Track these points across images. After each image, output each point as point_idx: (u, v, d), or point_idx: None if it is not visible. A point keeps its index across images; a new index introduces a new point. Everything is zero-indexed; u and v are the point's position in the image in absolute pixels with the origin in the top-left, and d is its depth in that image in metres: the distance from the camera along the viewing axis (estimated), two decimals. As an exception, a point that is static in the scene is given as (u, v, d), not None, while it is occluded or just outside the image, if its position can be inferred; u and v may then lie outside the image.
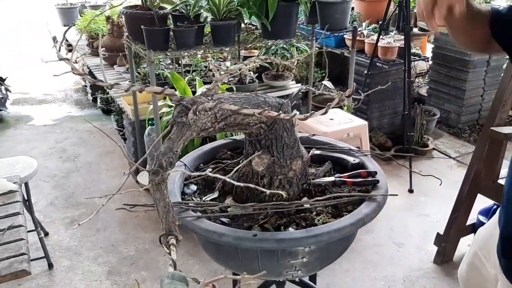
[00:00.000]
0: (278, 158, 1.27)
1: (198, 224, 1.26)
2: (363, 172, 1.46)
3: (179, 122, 1.00)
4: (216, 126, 1.06)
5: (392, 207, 3.21)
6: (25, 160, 2.81)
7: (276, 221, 1.31)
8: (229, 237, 1.21)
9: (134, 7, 3.08)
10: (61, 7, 6.66)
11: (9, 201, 1.95)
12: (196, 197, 1.47)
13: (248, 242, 1.20)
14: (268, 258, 1.28)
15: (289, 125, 1.25)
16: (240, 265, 1.37)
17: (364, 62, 3.98)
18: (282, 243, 1.20)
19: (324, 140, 1.72)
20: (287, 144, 1.26)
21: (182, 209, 1.33)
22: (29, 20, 8.66)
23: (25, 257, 1.62)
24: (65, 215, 3.31)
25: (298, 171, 1.32)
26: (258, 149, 1.27)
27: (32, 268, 2.76)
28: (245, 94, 1.22)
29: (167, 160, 0.91)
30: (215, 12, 2.94)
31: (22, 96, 5.58)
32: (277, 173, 1.29)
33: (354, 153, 1.60)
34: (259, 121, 1.17)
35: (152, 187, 0.86)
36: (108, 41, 4.60)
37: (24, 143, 4.38)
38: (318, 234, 1.20)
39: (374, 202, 1.32)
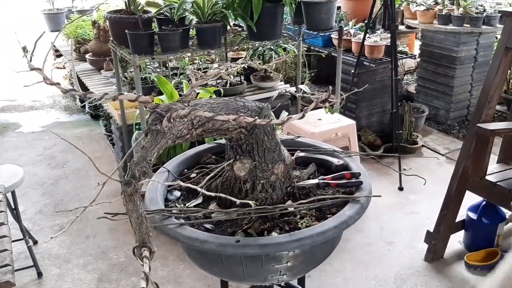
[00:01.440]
0: (259, 162, 1.26)
1: (180, 231, 1.25)
2: (347, 174, 1.46)
3: (153, 130, 0.99)
4: (193, 133, 1.05)
5: (382, 205, 3.21)
6: (11, 169, 2.78)
7: (260, 226, 1.30)
8: (212, 244, 1.20)
9: (118, 12, 3.06)
10: (47, 13, 6.61)
11: (-8, 211, 1.93)
12: (180, 204, 1.46)
13: (231, 249, 1.19)
14: (252, 263, 1.27)
15: (270, 129, 1.25)
16: (224, 271, 1.35)
17: (351, 62, 3.98)
18: (265, 248, 1.19)
19: (309, 142, 1.71)
20: (268, 148, 1.26)
21: (164, 217, 1.31)
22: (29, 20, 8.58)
23: (9, 268, 1.60)
24: (54, 222, 3.28)
25: (281, 175, 1.31)
26: (239, 153, 1.26)
27: (21, 277, 2.76)
28: (223, 99, 1.21)
29: (140, 170, 0.89)
30: (199, 14, 2.93)
31: (10, 103, 5.54)
32: (259, 178, 1.28)
33: (338, 155, 1.60)
34: (238, 126, 1.16)
35: (125, 198, 0.85)
36: (94, 45, 4.57)
37: (12, 151, 4.34)
38: (301, 238, 1.20)
39: (358, 204, 1.31)
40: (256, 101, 1.26)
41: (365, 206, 1.32)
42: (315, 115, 3.32)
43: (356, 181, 1.41)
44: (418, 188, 3.41)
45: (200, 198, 1.46)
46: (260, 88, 3.96)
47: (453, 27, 4.06)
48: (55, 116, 5.17)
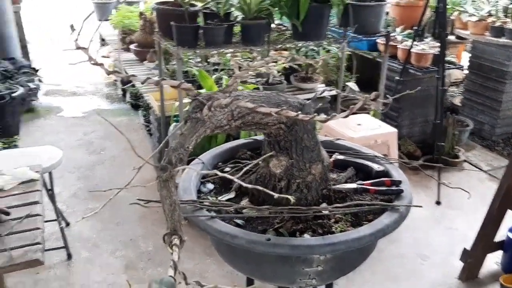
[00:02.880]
0: (297, 161, 1.22)
1: (211, 224, 1.23)
2: (387, 181, 1.40)
3: (193, 118, 0.96)
4: (232, 124, 1.03)
5: (418, 218, 3.11)
6: (50, 150, 2.84)
7: (292, 226, 1.26)
8: (242, 239, 1.17)
9: (166, 3, 3.08)
10: (97, 2, 6.77)
11: (29, 190, 1.96)
12: (212, 196, 1.43)
13: (261, 246, 1.15)
14: (282, 264, 1.23)
15: (310, 127, 1.20)
16: (253, 269, 1.32)
17: (396, 68, 3.87)
18: (297, 249, 1.15)
19: (349, 145, 1.66)
20: (307, 147, 1.21)
21: (196, 208, 1.29)
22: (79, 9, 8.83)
23: (40, 247, 1.62)
24: (87, 206, 3.33)
25: (318, 176, 1.26)
26: (276, 150, 1.23)
27: (51, 258, 2.81)
28: (265, 93, 1.17)
29: (177, 156, 0.87)
30: (245, 11, 2.91)
31: (54, 88, 5.68)
32: (295, 177, 1.24)
33: (379, 160, 1.54)
34: (278, 121, 1.13)
35: (159, 183, 0.83)
36: (140, 36, 4.63)
37: (53, 134, 4.44)
38: (335, 243, 1.15)
39: (396, 213, 1.25)
40: (299, 98, 1.22)
41: (404, 215, 1.26)
42: (355, 120, 3.25)
43: (396, 189, 1.35)
44: (457, 203, 3.28)
45: (232, 193, 1.44)
46: (300, 89, 3.91)
47: (506, 40, 3.89)
48: (96, 103, 5.28)
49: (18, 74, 4.72)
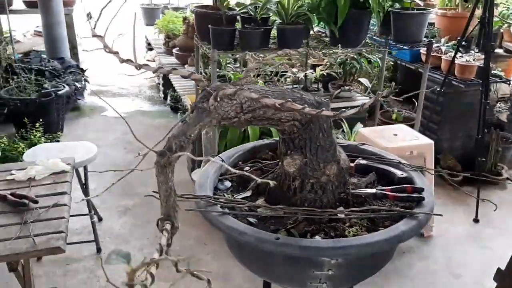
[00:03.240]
0: (311, 160, 1.19)
1: (222, 220, 1.22)
2: (408, 187, 1.34)
3: (199, 107, 0.96)
4: (241, 117, 1.02)
5: (453, 235, 2.98)
6: (87, 146, 2.92)
7: (304, 228, 1.23)
8: (251, 237, 1.15)
9: (205, 7, 3.13)
10: (145, 7, 6.98)
11: (59, 180, 2.02)
12: (228, 194, 1.42)
13: (270, 245, 1.13)
14: (291, 265, 1.21)
15: (326, 126, 1.18)
16: (262, 269, 1.30)
17: (438, 79, 3.75)
18: (305, 250, 1.12)
19: (373, 151, 1.61)
20: (322, 146, 1.18)
21: (209, 204, 1.29)
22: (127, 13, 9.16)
23: (62, 235, 1.66)
24: (120, 203, 3.41)
25: (333, 177, 1.23)
26: (291, 148, 1.21)
27: (81, 250, 2.89)
28: (280, 89, 1.16)
29: (178, 143, 0.87)
30: (283, 15, 2.91)
31: (100, 88, 5.88)
32: (309, 176, 1.22)
33: (404, 167, 1.48)
34: (292, 118, 1.11)
35: (157, 168, 0.83)
36: (182, 41, 4.73)
37: (95, 132, 4.59)
38: (345, 246, 1.11)
39: (415, 220, 1.20)
40: (316, 96, 1.19)
41: (423, 223, 1.21)
42: (392, 130, 3.16)
43: (417, 196, 1.29)
44: (495, 222, 3.12)
45: (249, 191, 1.42)
46: (337, 97, 3.86)
47: (559, 54, 3.69)
48: (138, 105, 5.41)
49: (66, 74, 4.91)
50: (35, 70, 4.65)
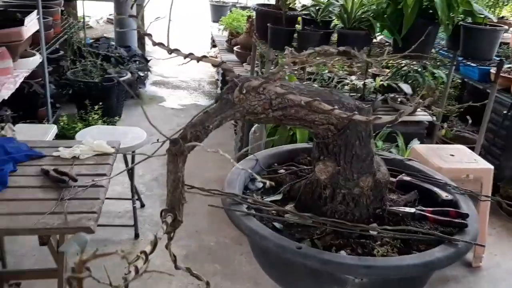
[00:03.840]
0: (344, 169, 1.11)
1: (245, 221, 1.17)
2: (452, 211, 1.23)
3: (223, 98, 0.92)
4: (270, 114, 0.96)
5: (504, 269, 2.76)
6: (137, 132, 2.97)
7: (330, 240, 1.15)
8: (271, 242, 1.09)
9: (267, 6, 3.09)
10: (214, 4, 7.07)
11: (101, 162, 2.06)
12: (258, 195, 1.37)
13: (290, 254, 1.07)
14: (313, 278, 1.14)
15: (365, 134, 1.09)
16: (283, 278, 1.23)
17: (507, 103, 3.51)
18: (327, 265, 1.04)
19: (419, 167, 1.50)
20: (358, 155, 1.10)
21: (235, 202, 1.24)
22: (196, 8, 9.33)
23: (94, 216, 1.67)
24: (164, 192, 3.42)
25: (367, 190, 1.15)
26: (324, 154, 1.14)
27: (120, 233, 2.94)
28: (318, 88, 1.10)
29: (194, 133, 0.84)
30: (345, 19, 2.82)
31: (162, 79, 6.01)
32: (341, 186, 1.14)
33: (450, 189, 1.37)
34: (327, 121, 1.04)
35: (168, 157, 0.79)
36: (243, 39, 4.72)
37: (151, 121, 4.67)
38: (370, 266, 1.03)
39: (453, 248, 1.09)
40: (357, 101, 1.11)
41: (462, 252, 1.09)
42: (449, 149, 2.98)
43: (459, 222, 1.18)
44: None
45: (279, 195, 1.36)
46: (396, 110, 3.70)
47: None
48: (195, 99, 5.48)
49: (130, 62, 5.06)
50: (102, 56, 4.82)
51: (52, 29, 4.02)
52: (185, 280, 2.61)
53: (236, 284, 2.60)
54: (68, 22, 4.58)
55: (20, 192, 1.78)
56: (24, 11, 3.46)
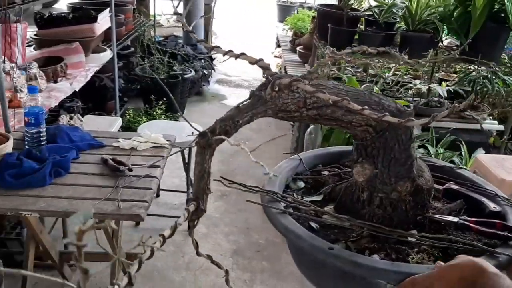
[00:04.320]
0: (381, 172, 1.09)
1: (280, 219, 1.18)
2: (498, 223, 1.17)
3: (256, 95, 0.93)
4: (304, 113, 0.96)
5: None
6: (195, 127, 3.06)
7: (365, 244, 1.14)
8: (305, 242, 1.09)
9: (329, 6, 3.08)
10: (281, 4, 7.11)
11: (156, 154, 2.15)
12: (299, 194, 1.38)
13: (322, 254, 1.06)
14: (344, 281, 1.13)
15: (405, 137, 1.06)
16: (316, 278, 1.23)
17: None
18: (357, 267, 1.03)
19: (469, 177, 1.43)
20: (397, 159, 1.07)
21: (273, 200, 1.26)
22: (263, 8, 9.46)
23: (145, 205, 1.75)
24: (218, 188, 3.50)
25: (405, 195, 1.11)
26: (363, 156, 1.12)
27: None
28: (356, 89, 1.08)
29: (223, 127, 0.86)
30: (408, 21, 2.75)
31: (225, 78, 6.14)
32: (378, 190, 1.12)
33: (500, 200, 1.30)
34: (365, 123, 1.02)
35: (197, 149, 0.82)
36: (306, 39, 4.72)
37: (210, 118, 4.72)
38: (402, 272, 1.00)
39: (494, 260, 1.04)
40: (399, 104, 1.09)
41: (503, 266, 1.04)
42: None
43: (504, 235, 1.12)
44: None
45: (320, 196, 1.36)
46: (461, 117, 3.54)
47: None
48: (257, 97, 5.54)
49: (195, 60, 5.21)
50: (169, 53, 5.01)
51: (123, 26, 4.23)
52: (232, 274, 2.66)
53: (282, 282, 2.62)
54: (140, 20, 4.80)
55: (80, 178, 1.91)
56: (98, 9, 3.68)
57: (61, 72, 3.10)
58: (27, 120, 1.97)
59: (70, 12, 3.75)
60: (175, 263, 2.70)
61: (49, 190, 1.80)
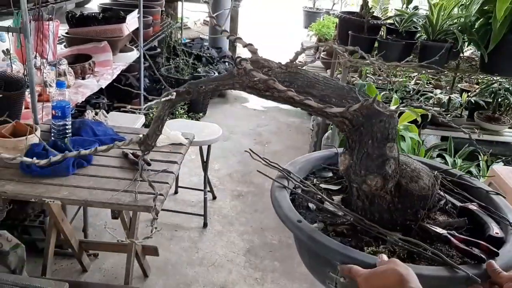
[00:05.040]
0: (355, 163, 1.16)
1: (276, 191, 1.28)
2: (483, 245, 1.16)
3: (230, 71, 1.06)
4: (275, 93, 1.04)
5: None
6: (213, 128, 3.15)
7: (343, 230, 1.21)
8: (282, 212, 1.19)
9: (351, 13, 3.12)
10: (307, 10, 7.16)
11: (175, 151, 2.22)
12: (318, 181, 1.45)
13: (290, 224, 1.16)
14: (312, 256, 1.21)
15: (380, 136, 1.12)
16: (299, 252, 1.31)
17: None
18: (313, 242, 1.09)
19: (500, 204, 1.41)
20: (369, 154, 1.14)
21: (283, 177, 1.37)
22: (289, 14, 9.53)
23: (161, 198, 1.83)
24: (236, 188, 3.59)
25: (375, 190, 1.16)
26: (346, 147, 1.21)
27: (190, 221, 3.13)
28: (337, 83, 1.15)
29: (187, 88, 1.03)
30: (428, 31, 2.77)
31: (249, 81, 6.22)
32: (352, 180, 1.19)
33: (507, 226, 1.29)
34: (340, 115, 1.09)
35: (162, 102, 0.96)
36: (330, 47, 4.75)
37: (232, 120, 4.88)
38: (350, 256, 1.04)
39: (449, 273, 1.04)
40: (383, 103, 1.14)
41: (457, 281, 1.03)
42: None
43: (479, 256, 1.12)
44: None
45: (338, 186, 1.43)
46: (482, 128, 3.53)
47: None
48: (278, 101, 5.60)
49: (220, 62, 5.31)
50: (194, 55, 5.12)
51: (151, 27, 4.36)
52: (244, 271, 2.72)
53: (293, 283, 2.67)
54: (167, 22, 4.93)
55: (101, 170, 2.00)
56: (127, 10, 3.81)
57: (89, 69, 3.23)
58: (54, 113, 2.08)
59: (100, 12, 3.89)
60: (189, 258, 2.77)
61: (72, 180, 1.90)
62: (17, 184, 1.83)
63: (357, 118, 1.13)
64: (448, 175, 1.48)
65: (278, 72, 1.05)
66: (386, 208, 1.25)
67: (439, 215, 1.34)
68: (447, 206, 1.37)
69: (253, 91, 1.05)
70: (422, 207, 1.27)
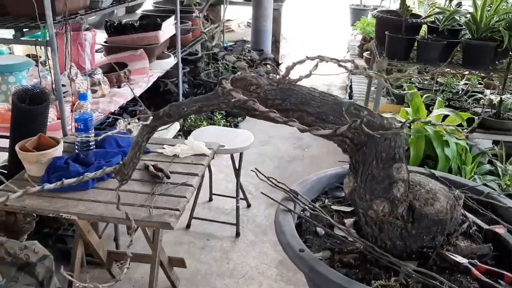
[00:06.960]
0: (359, 187, 1.05)
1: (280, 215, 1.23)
2: (507, 276, 1.04)
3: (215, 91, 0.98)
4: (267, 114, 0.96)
5: None
6: (245, 135, 3.08)
7: (350, 260, 1.09)
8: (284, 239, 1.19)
9: (389, 12, 2.95)
10: (354, 7, 6.95)
11: (197, 162, 2.18)
12: (330, 202, 1.35)
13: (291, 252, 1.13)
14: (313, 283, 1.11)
15: (385, 156, 1.00)
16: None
17: None
18: (314, 273, 1.02)
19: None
20: (374, 176, 1.02)
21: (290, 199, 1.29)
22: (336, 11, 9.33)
23: (177, 213, 1.78)
24: (271, 195, 3.49)
25: (383, 216, 1.04)
26: (351, 168, 1.09)
27: (223, 229, 3.07)
28: (335, 98, 1.04)
29: (167, 111, 0.98)
30: (472, 29, 2.56)
31: (292, 82, 6.11)
32: (358, 205, 1.08)
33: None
34: (340, 134, 0.99)
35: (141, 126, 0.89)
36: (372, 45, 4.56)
37: (273, 126, 4.78)
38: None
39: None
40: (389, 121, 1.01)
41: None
42: None
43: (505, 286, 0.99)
44: None
45: (350, 207, 1.32)
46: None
47: None
48: (322, 103, 5.46)
49: (260, 65, 5.22)
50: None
51: (190, 33, 4.36)
52: (275, 285, 2.63)
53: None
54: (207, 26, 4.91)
55: (120, 183, 1.98)
56: (165, 16, 3.82)
57: (124, 77, 3.26)
58: (77, 125, 2.09)
59: (138, 20, 3.93)
60: (219, 269, 2.72)
61: (91, 194, 1.89)
62: (37, 199, 1.84)
63: (359, 137, 1.02)
64: (474, 193, 1.34)
65: (269, 89, 0.97)
66: (398, 234, 1.13)
67: (461, 240, 1.21)
68: (471, 230, 1.23)
69: (241, 110, 0.97)
70: (440, 232, 1.15)
